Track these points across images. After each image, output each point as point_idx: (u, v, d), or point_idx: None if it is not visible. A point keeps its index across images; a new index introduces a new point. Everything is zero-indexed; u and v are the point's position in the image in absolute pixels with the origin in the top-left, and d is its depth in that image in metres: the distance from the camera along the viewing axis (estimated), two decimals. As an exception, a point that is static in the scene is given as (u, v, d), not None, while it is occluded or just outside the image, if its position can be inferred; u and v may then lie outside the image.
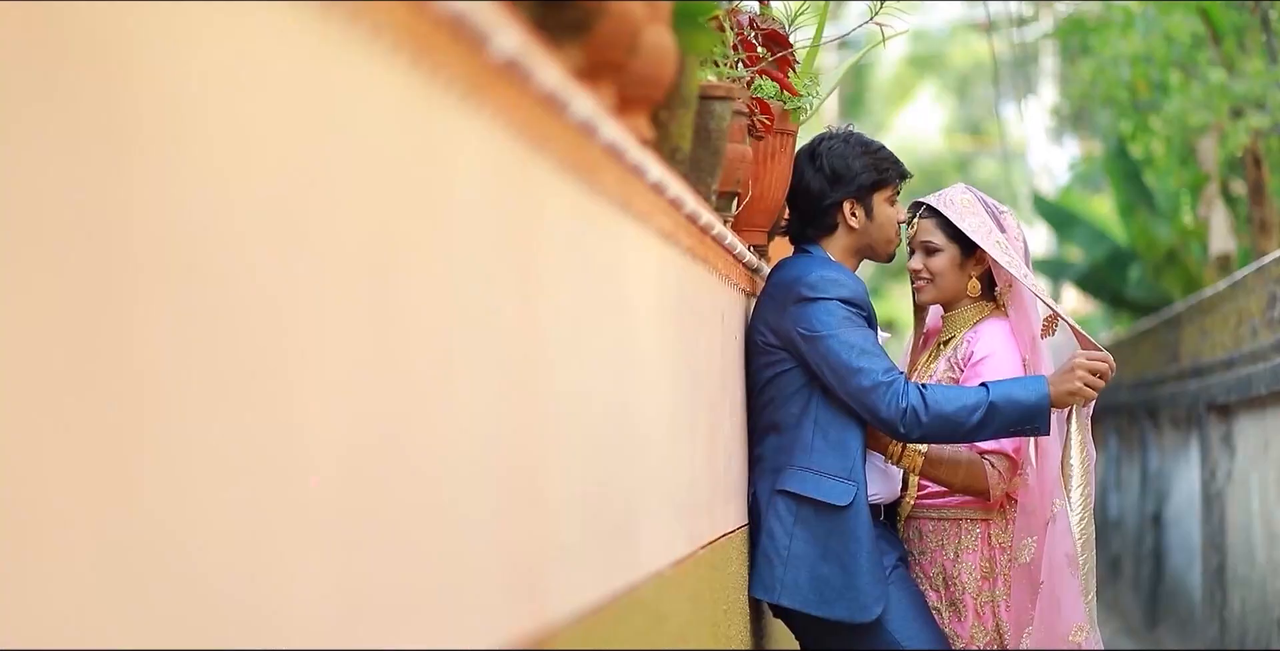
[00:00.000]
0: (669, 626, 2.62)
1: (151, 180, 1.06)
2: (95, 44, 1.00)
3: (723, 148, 3.13)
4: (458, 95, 1.57)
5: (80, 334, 0.98)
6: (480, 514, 1.65)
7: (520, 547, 1.79)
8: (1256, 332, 6.42)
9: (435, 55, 1.49)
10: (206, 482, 1.10)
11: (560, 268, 2.00)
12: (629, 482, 2.35)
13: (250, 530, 1.15)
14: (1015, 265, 3.79)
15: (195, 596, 1.08)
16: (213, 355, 1.13)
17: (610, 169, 2.22)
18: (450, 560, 1.54)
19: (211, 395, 1.12)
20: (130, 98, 1.04)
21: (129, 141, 1.04)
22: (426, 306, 1.49)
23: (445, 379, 1.54)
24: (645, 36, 2.28)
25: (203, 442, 1.10)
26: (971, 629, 3.86)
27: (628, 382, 2.39)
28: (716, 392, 3.33)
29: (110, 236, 1.01)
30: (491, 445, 1.70)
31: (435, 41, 1.48)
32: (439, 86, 1.51)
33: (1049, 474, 3.76)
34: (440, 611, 1.51)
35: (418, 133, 1.48)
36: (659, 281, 2.69)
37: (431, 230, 1.50)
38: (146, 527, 1.03)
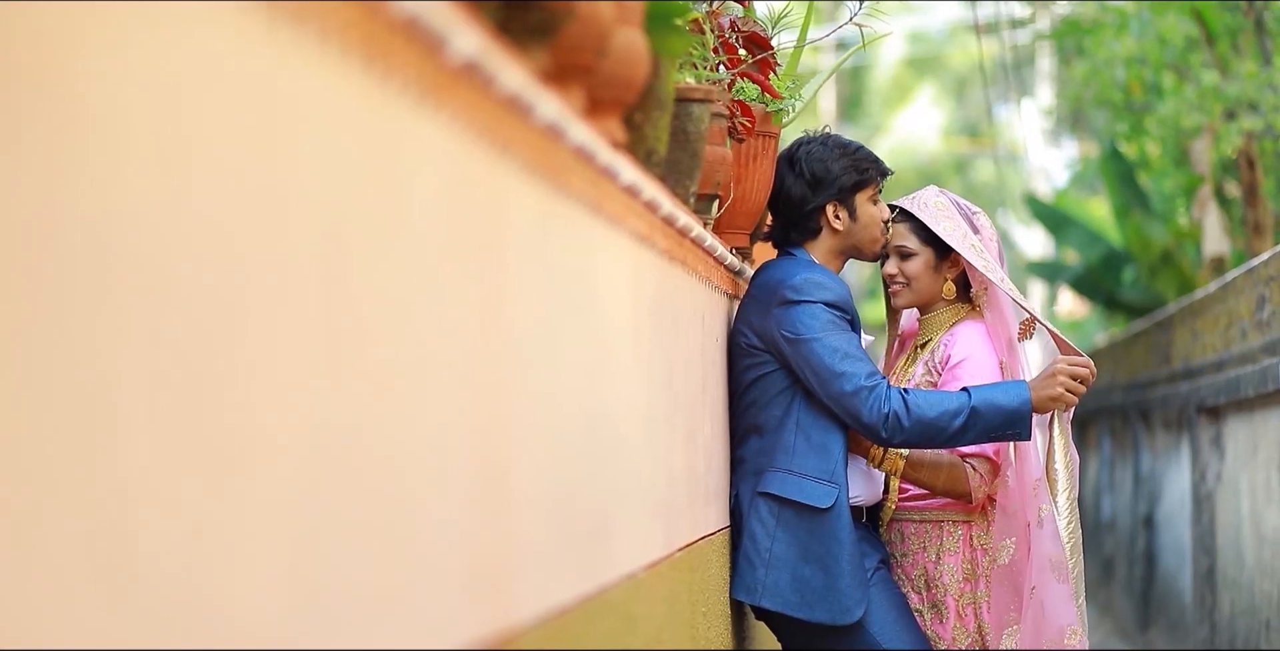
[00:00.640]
0: (642, 628, 2.62)
1: (97, 183, 1.06)
2: (38, 46, 1.00)
3: (701, 150, 3.13)
4: (414, 98, 1.57)
5: (28, 335, 0.98)
6: (442, 515, 1.65)
7: (485, 548, 1.79)
8: (1246, 334, 6.43)
9: (390, 58, 1.49)
10: (156, 480, 1.11)
11: (527, 269, 2.00)
12: (601, 484, 2.36)
13: (198, 529, 1.16)
14: (991, 268, 3.80)
15: (141, 594, 1.08)
16: (164, 355, 1.13)
17: (580, 171, 2.22)
18: (409, 559, 1.54)
19: (161, 395, 1.12)
20: (75, 100, 1.04)
21: (74, 144, 1.04)
22: (383, 308, 1.50)
23: (402, 380, 1.54)
24: (615, 39, 2.28)
25: (152, 442, 1.11)
26: (953, 630, 3.86)
27: (600, 384, 2.39)
28: (696, 394, 3.33)
29: (58, 239, 1.02)
30: (454, 446, 1.70)
31: (389, 44, 1.48)
32: (394, 89, 1.52)
33: (1028, 476, 3.76)
34: (398, 610, 1.51)
35: (371, 135, 1.48)
36: (634, 283, 2.69)
37: (387, 231, 1.50)
38: (99, 526, 1.04)
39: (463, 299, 1.74)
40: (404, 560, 1.53)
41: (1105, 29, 10.86)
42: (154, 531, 1.11)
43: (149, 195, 1.13)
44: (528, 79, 1.86)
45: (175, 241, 1.16)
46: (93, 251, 1.06)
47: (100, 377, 1.07)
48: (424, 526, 1.59)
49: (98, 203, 1.07)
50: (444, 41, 1.58)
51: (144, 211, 1.12)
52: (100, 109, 1.08)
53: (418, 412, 1.59)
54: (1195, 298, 7.90)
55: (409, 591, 1.54)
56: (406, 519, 1.54)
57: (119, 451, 1.08)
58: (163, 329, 1.13)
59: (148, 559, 1.10)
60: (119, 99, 1.10)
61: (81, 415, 1.04)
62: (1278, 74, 9.64)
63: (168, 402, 1.13)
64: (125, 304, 1.10)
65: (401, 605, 1.52)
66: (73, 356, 1.04)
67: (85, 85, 1.06)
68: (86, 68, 1.06)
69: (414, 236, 1.58)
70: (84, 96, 1.06)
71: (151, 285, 1.13)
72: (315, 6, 1.33)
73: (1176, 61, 10.59)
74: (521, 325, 1.97)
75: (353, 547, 1.41)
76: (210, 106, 1.20)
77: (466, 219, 1.76)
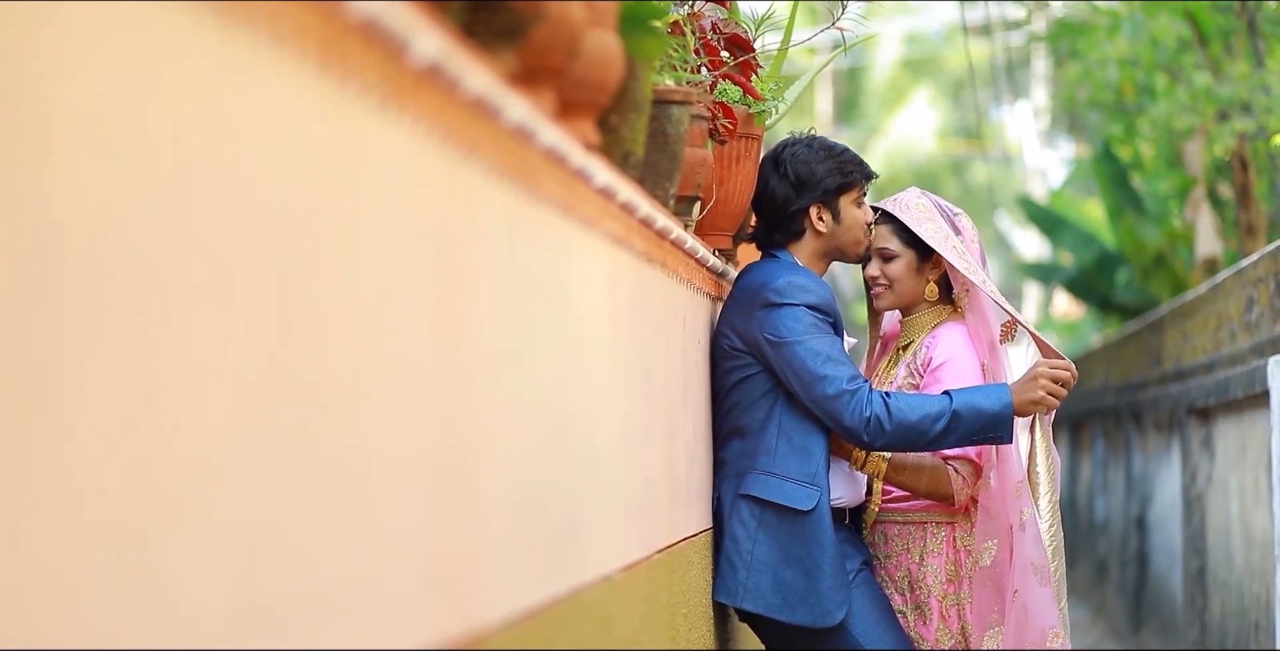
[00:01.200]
0: (620, 629, 2.62)
1: (48, 185, 1.06)
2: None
3: (681, 152, 3.13)
4: (376, 101, 1.57)
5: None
6: (401, 515, 1.65)
7: (448, 548, 1.79)
8: (1235, 336, 6.43)
9: (349, 61, 1.49)
10: (99, 478, 1.11)
11: (495, 271, 2.00)
12: (573, 486, 2.36)
13: (142, 528, 1.16)
14: (973, 270, 3.80)
15: (82, 594, 1.08)
16: (113, 355, 1.14)
17: (551, 174, 2.22)
18: (366, 559, 1.54)
19: (108, 394, 1.13)
20: (28, 101, 1.04)
21: (22, 146, 1.05)
22: (339, 309, 1.50)
23: (360, 380, 1.54)
24: (587, 41, 2.29)
25: (98, 439, 1.11)
26: (936, 632, 3.87)
27: (573, 386, 2.39)
28: (677, 396, 3.33)
29: (6, 240, 1.02)
30: (415, 447, 1.70)
31: (348, 47, 1.48)
32: (354, 92, 1.52)
33: (1010, 478, 3.76)
34: (354, 610, 1.51)
35: (329, 138, 1.48)
36: (610, 285, 2.69)
37: (345, 233, 1.51)
38: (40, 524, 1.04)
39: (426, 300, 1.75)
40: (360, 559, 1.53)
41: (1098, 31, 10.87)
42: (96, 530, 1.11)
43: (99, 198, 1.13)
44: (495, 81, 1.87)
45: (126, 243, 1.16)
46: (44, 253, 1.06)
47: (49, 375, 1.07)
48: (382, 526, 1.59)
49: (47, 205, 1.07)
50: (405, 44, 1.59)
51: (94, 214, 1.12)
52: (51, 110, 1.08)
53: (375, 413, 1.59)
54: (1185, 299, 7.91)
55: (366, 591, 1.54)
56: (362, 519, 1.55)
57: (64, 449, 1.08)
58: (113, 328, 1.14)
59: (89, 558, 1.10)
60: (70, 100, 1.10)
61: (29, 412, 1.04)
62: (1270, 75, 9.65)
63: (115, 401, 1.14)
64: (76, 304, 1.10)
65: (358, 605, 1.52)
66: (22, 355, 1.04)
67: (36, 86, 1.07)
68: (37, 68, 1.06)
69: (374, 238, 1.59)
70: (35, 97, 1.06)
71: (102, 286, 1.13)
72: (269, 9, 1.34)
73: (1169, 63, 10.59)
74: (489, 326, 1.97)
75: (305, 547, 1.41)
76: (161, 109, 1.21)
77: (430, 221, 1.76)
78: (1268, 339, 5.73)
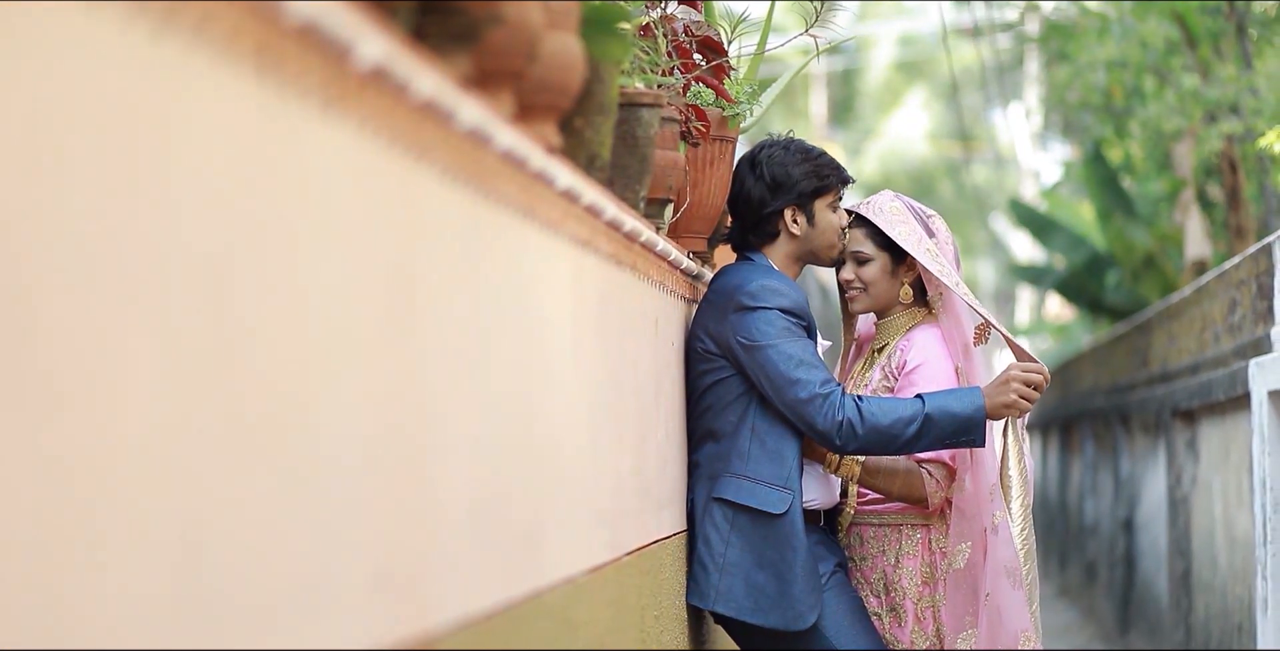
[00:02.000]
0: (584, 631, 2.62)
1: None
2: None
3: (650, 154, 3.14)
4: (317, 105, 1.58)
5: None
6: (350, 515, 1.65)
7: (400, 549, 1.80)
8: (1219, 338, 6.44)
9: (287, 65, 1.50)
10: (17, 477, 1.11)
11: (450, 272, 2.01)
12: (534, 488, 2.36)
13: (63, 527, 1.16)
14: (946, 273, 3.80)
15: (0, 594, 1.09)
16: (33, 360, 1.14)
17: (510, 177, 2.22)
18: (308, 559, 1.54)
19: (30, 395, 1.13)
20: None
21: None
22: (280, 310, 1.50)
23: (304, 381, 1.55)
24: (546, 44, 2.29)
25: (14, 440, 1.11)
26: (912, 634, 3.87)
27: (535, 388, 2.39)
28: (648, 399, 3.33)
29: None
30: (365, 448, 1.71)
31: (286, 51, 1.49)
32: (293, 96, 1.52)
33: (984, 481, 3.77)
34: (295, 610, 1.51)
35: (267, 143, 1.48)
36: (575, 288, 2.69)
37: (282, 236, 1.51)
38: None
39: (376, 298, 1.75)
40: (304, 557, 1.53)
41: (1087, 33, 10.88)
42: (20, 526, 1.11)
43: (20, 203, 1.13)
44: (446, 84, 1.87)
45: (47, 246, 1.16)
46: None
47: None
48: (327, 525, 1.59)
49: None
50: (348, 47, 1.59)
51: (13, 218, 1.13)
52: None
53: (320, 414, 1.59)
54: (1171, 301, 7.92)
55: (310, 590, 1.54)
56: (306, 517, 1.55)
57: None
58: (32, 333, 1.14)
59: (12, 556, 1.10)
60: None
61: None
62: (1258, 77, 9.66)
63: (43, 398, 1.14)
64: (3, 305, 1.10)
65: (302, 603, 1.52)
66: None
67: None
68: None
69: (317, 240, 1.59)
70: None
71: (24, 293, 1.13)
72: (202, 11, 1.34)
73: (1158, 65, 10.60)
74: (444, 327, 1.98)
75: (245, 545, 1.41)
76: (85, 113, 1.21)
77: (379, 223, 1.77)
78: (1249, 341, 5.74)
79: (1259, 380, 5.23)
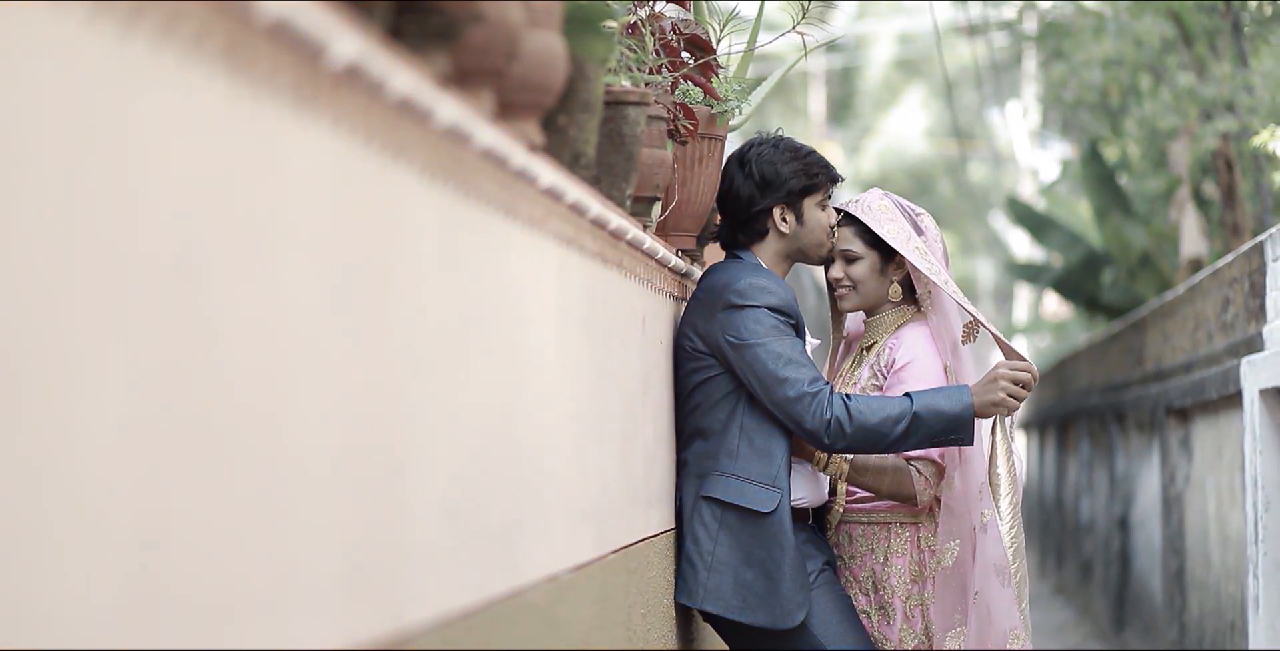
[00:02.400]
0: (567, 630, 2.62)
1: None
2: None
3: (637, 152, 3.14)
4: (289, 104, 1.58)
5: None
6: (319, 515, 1.65)
7: (373, 547, 1.80)
8: (1212, 337, 6.44)
9: (259, 64, 1.50)
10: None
11: (428, 270, 2.01)
12: (514, 486, 2.36)
13: (19, 524, 1.16)
14: (935, 271, 3.80)
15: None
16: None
17: (491, 175, 2.22)
18: (278, 556, 1.54)
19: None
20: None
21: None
22: (248, 309, 1.50)
23: (274, 379, 1.55)
24: (527, 42, 2.29)
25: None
26: (900, 632, 3.87)
27: (516, 385, 2.39)
28: (635, 397, 3.33)
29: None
30: (335, 446, 1.71)
31: (257, 49, 1.49)
32: (266, 95, 1.52)
33: (973, 479, 3.77)
34: (263, 609, 1.51)
35: (239, 142, 1.48)
36: (560, 286, 2.69)
37: (253, 234, 1.51)
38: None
39: (350, 296, 1.75)
40: (271, 556, 1.53)
41: (1083, 31, 10.88)
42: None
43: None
44: (423, 83, 1.87)
45: (9, 248, 1.16)
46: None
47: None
48: (295, 522, 1.59)
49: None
50: (321, 46, 1.59)
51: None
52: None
53: (289, 411, 1.59)
54: (1166, 300, 7.92)
55: (278, 588, 1.54)
56: (273, 514, 1.54)
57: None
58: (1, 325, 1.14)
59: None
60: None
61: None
62: (1254, 75, 9.65)
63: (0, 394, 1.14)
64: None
65: (268, 603, 1.52)
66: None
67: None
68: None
69: (289, 238, 1.59)
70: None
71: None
72: (170, 10, 1.34)
73: (1153, 63, 10.60)
74: (420, 325, 1.98)
75: (207, 543, 1.41)
76: (51, 111, 1.21)
77: (355, 221, 1.77)
78: (1242, 339, 5.74)
79: (1251, 378, 5.23)
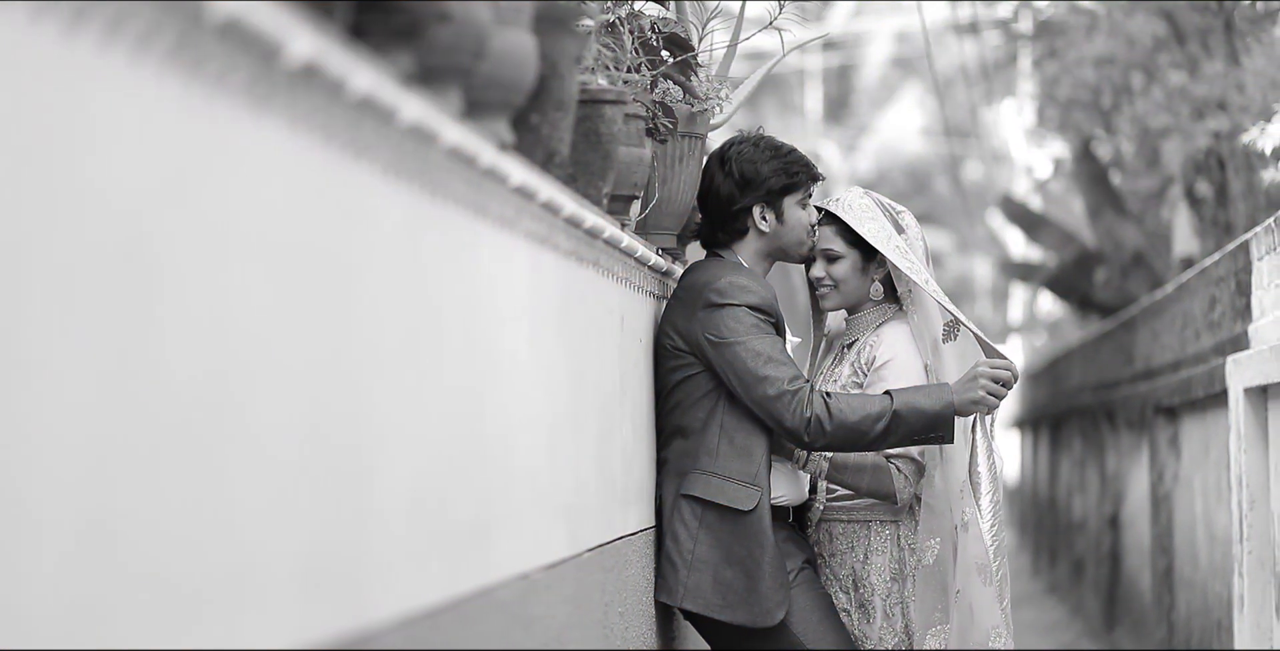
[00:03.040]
0: (539, 628, 2.62)
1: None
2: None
3: (614, 151, 3.14)
4: (245, 103, 1.58)
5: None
6: (276, 510, 1.65)
7: (333, 544, 1.80)
8: (1199, 335, 6.44)
9: (211, 62, 1.50)
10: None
11: (392, 268, 2.01)
12: (484, 484, 2.36)
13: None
14: (916, 270, 3.80)
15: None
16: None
17: (459, 174, 2.22)
18: (232, 554, 1.54)
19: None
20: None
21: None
22: (202, 305, 1.50)
23: (226, 375, 1.55)
24: (495, 41, 2.29)
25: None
26: (880, 630, 3.87)
27: (485, 383, 2.39)
28: (613, 395, 3.34)
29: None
30: (293, 444, 1.71)
31: (210, 48, 1.49)
32: (219, 94, 1.52)
33: (955, 477, 3.78)
34: (216, 608, 1.51)
35: (189, 140, 1.48)
36: (532, 285, 2.69)
37: (205, 232, 1.51)
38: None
39: (309, 294, 1.75)
40: (224, 553, 1.53)
41: (1075, 30, 10.88)
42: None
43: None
44: (385, 82, 1.87)
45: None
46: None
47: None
48: (250, 520, 1.59)
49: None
50: (277, 45, 1.59)
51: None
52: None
53: (242, 409, 1.59)
54: (1155, 298, 7.92)
55: (231, 587, 1.54)
56: (225, 512, 1.54)
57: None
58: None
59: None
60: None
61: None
62: (1245, 74, 9.65)
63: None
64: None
65: (221, 601, 1.52)
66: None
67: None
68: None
69: (242, 237, 1.59)
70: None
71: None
72: (117, 9, 1.34)
73: (1145, 62, 10.60)
74: (384, 321, 1.98)
75: (157, 540, 1.41)
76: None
77: (313, 220, 1.77)
78: (1228, 337, 5.74)
79: (1235, 377, 5.23)
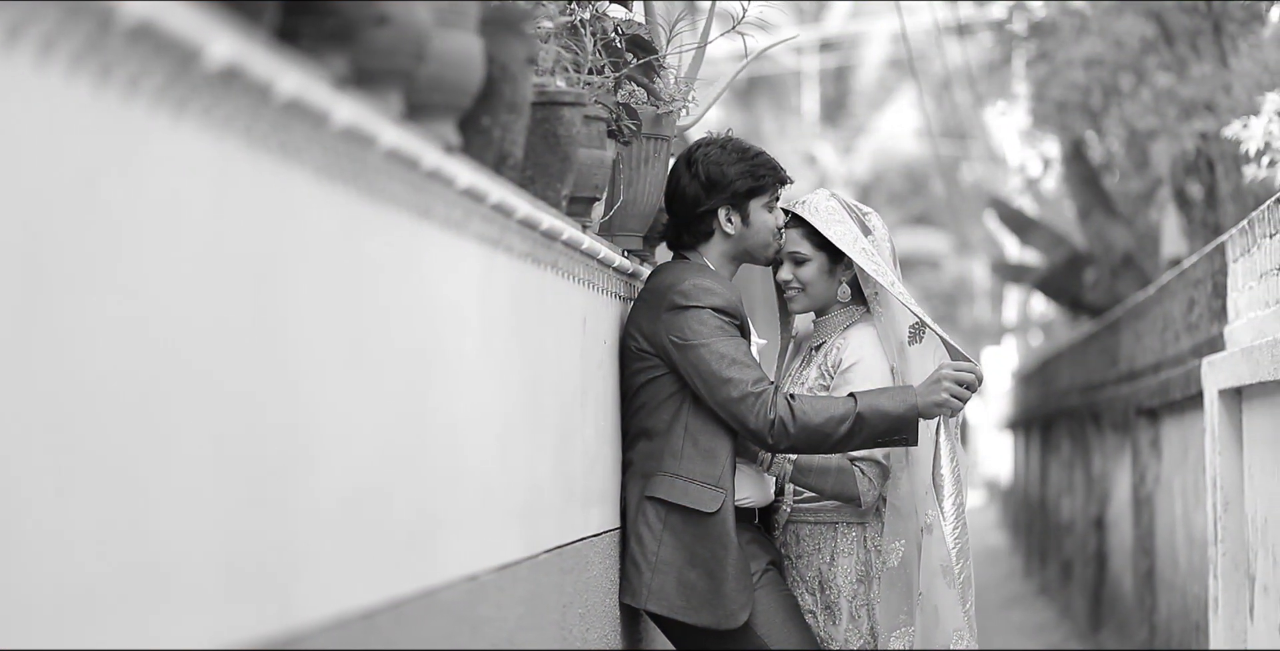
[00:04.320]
0: (487, 630, 2.62)
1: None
2: None
3: (573, 153, 3.14)
4: (166, 107, 1.58)
5: None
6: (197, 508, 1.66)
7: (259, 543, 1.80)
8: (1179, 337, 6.45)
9: (124, 65, 1.50)
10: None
11: (326, 270, 2.01)
12: (427, 485, 2.36)
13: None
14: (882, 272, 3.81)
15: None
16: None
17: (399, 176, 2.23)
18: (147, 553, 1.55)
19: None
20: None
21: None
22: (110, 306, 1.50)
23: (142, 378, 1.55)
24: (436, 43, 2.29)
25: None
26: (845, 632, 3.88)
27: (430, 384, 2.40)
28: (573, 396, 3.34)
29: None
30: (213, 446, 1.71)
31: (121, 52, 1.49)
32: (135, 98, 1.53)
33: (920, 480, 3.78)
34: (131, 608, 1.52)
35: (103, 145, 1.49)
36: (483, 287, 2.70)
37: (112, 236, 1.51)
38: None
39: (233, 295, 1.75)
40: (138, 552, 1.53)
41: (1064, 31, 10.88)
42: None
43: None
44: (315, 84, 1.88)
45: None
46: None
47: None
48: (166, 521, 1.59)
49: None
50: (195, 49, 1.59)
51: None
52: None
53: (161, 407, 1.59)
54: (1138, 300, 7.92)
55: (146, 586, 1.54)
56: (139, 510, 1.55)
57: None
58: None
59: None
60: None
61: None
62: (1233, 75, 9.65)
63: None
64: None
65: (136, 601, 1.52)
66: None
67: None
68: None
69: (153, 240, 1.59)
70: None
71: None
72: (21, 11, 1.34)
73: (1133, 63, 10.60)
74: (317, 321, 1.98)
75: (64, 539, 1.42)
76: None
77: (240, 223, 1.77)
78: (1205, 339, 5.74)
79: (1211, 378, 5.23)
